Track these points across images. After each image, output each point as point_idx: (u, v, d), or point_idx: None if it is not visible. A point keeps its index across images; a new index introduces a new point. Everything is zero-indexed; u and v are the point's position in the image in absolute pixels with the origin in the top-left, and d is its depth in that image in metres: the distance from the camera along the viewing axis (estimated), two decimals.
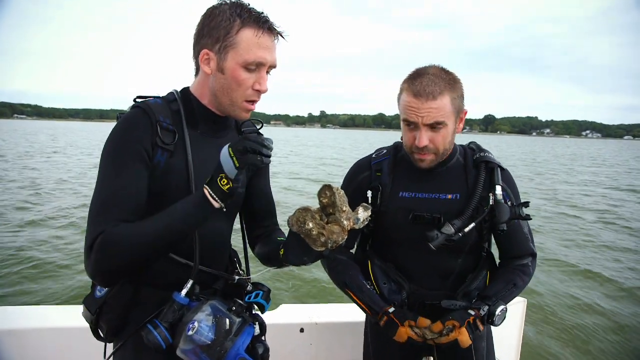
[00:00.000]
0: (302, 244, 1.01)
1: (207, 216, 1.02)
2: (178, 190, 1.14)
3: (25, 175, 14.25)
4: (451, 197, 1.49)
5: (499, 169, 1.50)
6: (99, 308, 1.18)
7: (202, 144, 1.21)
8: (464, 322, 1.37)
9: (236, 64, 1.10)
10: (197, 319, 1.08)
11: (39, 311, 2.22)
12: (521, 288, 1.51)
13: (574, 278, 6.11)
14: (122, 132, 1.11)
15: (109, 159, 1.08)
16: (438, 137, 1.40)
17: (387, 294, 1.53)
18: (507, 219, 1.42)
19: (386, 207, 1.52)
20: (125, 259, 1.02)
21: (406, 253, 1.55)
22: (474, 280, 1.53)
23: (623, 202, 13.19)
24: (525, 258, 1.55)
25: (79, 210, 8.71)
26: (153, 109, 1.14)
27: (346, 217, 0.99)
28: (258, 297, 1.29)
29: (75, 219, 8.13)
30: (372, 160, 1.60)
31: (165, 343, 1.08)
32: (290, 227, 1.02)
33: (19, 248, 6.37)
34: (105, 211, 1.04)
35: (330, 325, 2.24)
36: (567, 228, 9.16)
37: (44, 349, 1.98)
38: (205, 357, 1.05)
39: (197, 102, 1.20)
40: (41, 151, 24.59)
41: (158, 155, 1.12)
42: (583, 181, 19.04)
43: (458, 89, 1.41)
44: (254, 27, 1.09)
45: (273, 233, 1.39)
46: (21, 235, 7.09)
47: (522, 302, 2.48)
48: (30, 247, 6.43)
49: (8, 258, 5.92)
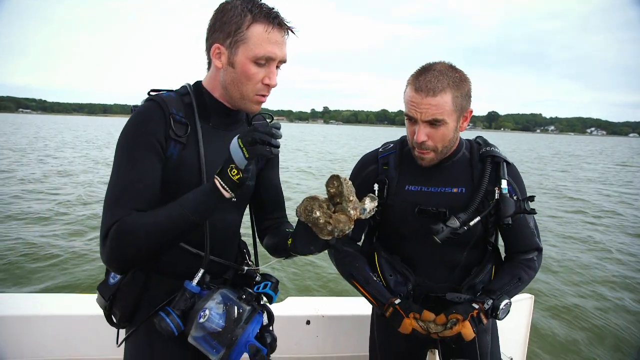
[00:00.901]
0: (310, 233, 1.03)
1: (219, 206, 1.04)
2: (190, 181, 1.17)
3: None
4: (457, 191, 1.50)
5: (505, 163, 1.50)
6: (113, 295, 1.22)
7: (214, 137, 1.24)
8: (468, 316, 1.38)
9: (246, 58, 1.12)
10: (208, 307, 1.11)
11: (55, 299, 2.27)
12: (526, 282, 1.52)
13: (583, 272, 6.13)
14: (136, 125, 1.13)
15: (124, 151, 1.11)
16: (437, 135, 1.40)
17: (393, 285, 1.54)
18: (512, 213, 1.42)
19: (392, 201, 1.54)
20: (139, 247, 1.04)
21: (412, 246, 1.56)
22: (479, 273, 1.54)
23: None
24: (530, 252, 1.55)
25: None
26: (167, 102, 1.16)
27: (353, 206, 1.01)
28: (267, 288, 1.31)
29: None
30: (379, 154, 1.62)
31: (177, 330, 1.11)
32: (298, 216, 1.04)
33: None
34: (120, 201, 1.07)
35: (336, 318, 2.26)
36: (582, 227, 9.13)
37: (54, 334, 2.04)
38: (216, 344, 1.08)
39: (209, 95, 1.23)
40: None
41: (171, 148, 1.14)
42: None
43: (463, 88, 1.40)
44: (265, 23, 1.11)
45: (281, 225, 1.41)
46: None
47: (530, 299, 2.48)
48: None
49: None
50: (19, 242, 6.21)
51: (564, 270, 6.26)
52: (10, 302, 2.14)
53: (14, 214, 7.85)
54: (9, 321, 2.01)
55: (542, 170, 21.59)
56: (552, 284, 5.67)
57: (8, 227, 7.00)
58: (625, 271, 6.28)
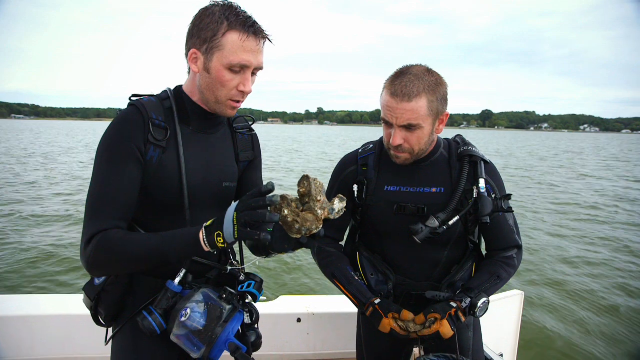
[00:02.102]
0: (283, 231, 1.06)
1: (196, 254, 1.07)
2: (170, 185, 1.19)
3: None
4: (435, 191, 1.51)
5: (482, 162, 1.51)
6: (97, 295, 1.25)
7: (194, 140, 1.26)
8: (445, 315, 1.40)
9: (221, 65, 1.14)
10: (189, 305, 1.13)
11: (49, 299, 2.30)
12: (505, 280, 1.53)
13: (575, 269, 6.19)
14: (115, 131, 1.15)
15: (103, 158, 1.13)
16: (412, 138, 1.41)
17: (374, 284, 1.57)
18: (489, 212, 1.44)
19: (372, 201, 1.56)
20: (115, 266, 1.10)
21: (392, 245, 1.58)
22: (458, 271, 1.56)
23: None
24: (510, 250, 1.56)
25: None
26: (146, 106, 1.18)
27: (320, 206, 1.03)
28: (250, 287, 1.33)
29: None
30: (358, 154, 1.63)
31: (160, 328, 1.14)
32: None
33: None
34: (101, 210, 1.10)
35: (325, 316, 2.30)
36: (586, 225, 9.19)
37: (52, 334, 2.08)
38: (198, 341, 1.10)
39: (189, 99, 1.25)
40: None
41: (150, 151, 1.16)
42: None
43: (439, 92, 1.39)
44: (240, 31, 1.12)
45: (262, 224, 1.43)
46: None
47: (520, 294, 2.49)
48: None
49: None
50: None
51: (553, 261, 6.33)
52: (7, 303, 2.18)
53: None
54: (7, 321, 2.04)
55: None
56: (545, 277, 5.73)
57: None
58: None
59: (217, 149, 1.32)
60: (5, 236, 6.82)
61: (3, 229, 7.23)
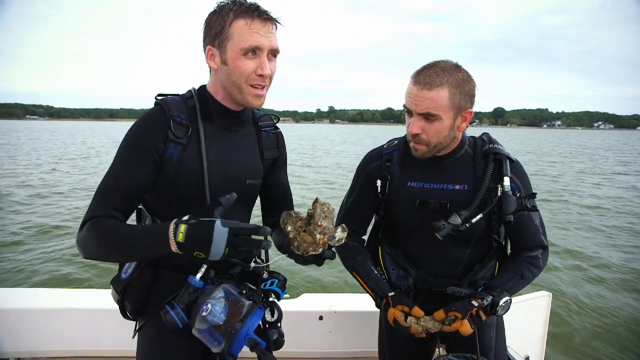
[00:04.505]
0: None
1: (165, 253, 1.06)
2: (191, 181, 1.22)
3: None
4: (459, 188, 1.49)
5: (508, 160, 1.49)
6: (124, 288, 1.28)
7: (218, 137, 1.28)
8: (466, 314, 1.39)
9: (234, 53, 1.16)
10: (210, 301, 1.15)
11: (77, 293, 2.34)
12: (529, 280, 1.51)
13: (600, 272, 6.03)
14: (134, 129, 1.20)
15: (119, 153, 1.19)
16: (431, 129, 1.40)
17: (394, 279, 1.56)
18: (513, 210, 1.41)
19: (395, 197, 1.55)
20: (99, 251, 1.13)
21: (414, 241, 1.57)
22: (481, 269, 1.54)
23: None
24: (535, 250, 1.54)
25: None
26: (169, 105, 1.23)
27: (321, 231, 1.05)
28: (273, 285, 1.33)
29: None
30: (383, 150, 1.63)
31: (182, 323, 1.16)
32: (281, 225, 1.13)
33: None
34: (102, 198, 1.16)
35: (348, 314, 2.28)
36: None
37: (81, 328, 2.12)
38: (219, 336, 1.11)
39: (212, 97, 1.27)
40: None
41: (170, 149, 1.19)
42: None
43: (463, 87, 1.39)
44: (245, 17, 1.15)
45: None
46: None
47: (548, 296, 2.44)
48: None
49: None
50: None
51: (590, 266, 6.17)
52: (13, 296, 2.22)
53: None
54: (11, 314, 2.07)
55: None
56: (571, 281, 5.59)
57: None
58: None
59: (241, 147, 1.34)
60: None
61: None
